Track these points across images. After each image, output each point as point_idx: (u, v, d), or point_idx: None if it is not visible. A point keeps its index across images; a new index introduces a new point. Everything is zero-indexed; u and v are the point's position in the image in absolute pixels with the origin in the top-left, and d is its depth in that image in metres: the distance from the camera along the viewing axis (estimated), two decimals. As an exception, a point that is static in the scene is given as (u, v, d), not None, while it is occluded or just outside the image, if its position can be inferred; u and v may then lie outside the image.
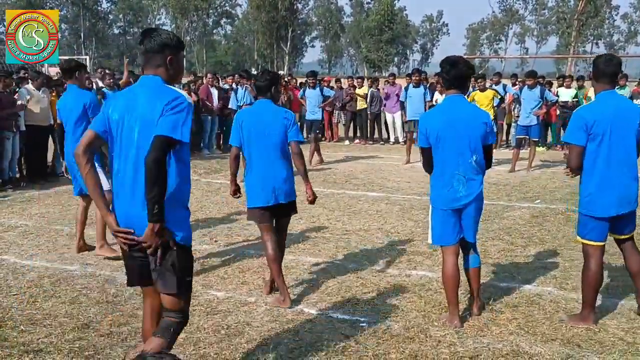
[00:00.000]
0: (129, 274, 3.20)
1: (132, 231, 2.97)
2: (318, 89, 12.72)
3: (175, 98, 2.95)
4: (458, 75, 4.21)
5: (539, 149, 13.10)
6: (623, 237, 4.45)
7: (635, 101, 13.97)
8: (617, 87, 14.25)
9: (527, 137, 11.40)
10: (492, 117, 10.38)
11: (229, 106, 12.04)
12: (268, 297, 4.90)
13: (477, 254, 4.52)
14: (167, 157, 2.89)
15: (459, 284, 4.39)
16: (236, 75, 13.99)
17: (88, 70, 11.66)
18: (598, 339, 4.13)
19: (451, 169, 4.20)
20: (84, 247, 6.15)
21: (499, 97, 12.13)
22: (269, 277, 5.03)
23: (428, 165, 4.38)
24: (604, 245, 4.36)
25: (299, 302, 4.81)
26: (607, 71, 4.28)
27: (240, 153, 4.91)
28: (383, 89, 16.18)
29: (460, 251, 4.45)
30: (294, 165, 4.88)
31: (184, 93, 3.07)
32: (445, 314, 4.47)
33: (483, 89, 11.63)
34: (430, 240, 4.53)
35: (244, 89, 11.20)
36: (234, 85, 13.68)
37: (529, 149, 11.62)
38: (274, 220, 4.87)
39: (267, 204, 4.73)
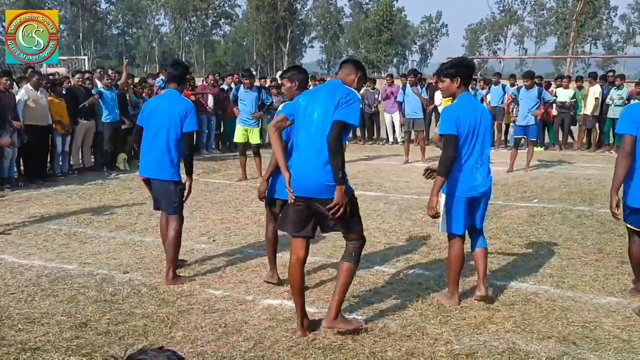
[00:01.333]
0: (286, 224, 4.14)
1: (292, 190, 3.98)
2: None
3: (348, 93, 3.92)
4: (471, 74, 4.62)
5: (537, 149, 13.12)
6: None
7: (632, 102, 14.01)
8: (614, 88, 14.32)
9: (525, 137, 11.40)
10: None
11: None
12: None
13: (483, 236, 4.82)
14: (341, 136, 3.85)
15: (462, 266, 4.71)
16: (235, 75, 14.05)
17: (88, 70, 11.68)
18: (594, 337, 4.15)
19: (474, 159, 4.50)
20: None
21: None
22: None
23: (454, 153, 4.41)
24: None
25: (296, 300, 4.83)
26: None
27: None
28: (384, 89, 16.16)
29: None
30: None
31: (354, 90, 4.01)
32: (444, 292, 4.78)
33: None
34: (441, 229, 4.71)
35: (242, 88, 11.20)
36: (232, 85, 13.71)
37: (527, 149, 11.63)
38: None
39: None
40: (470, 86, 5.44)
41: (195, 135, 13.54)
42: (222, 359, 3.86)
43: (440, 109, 13.95)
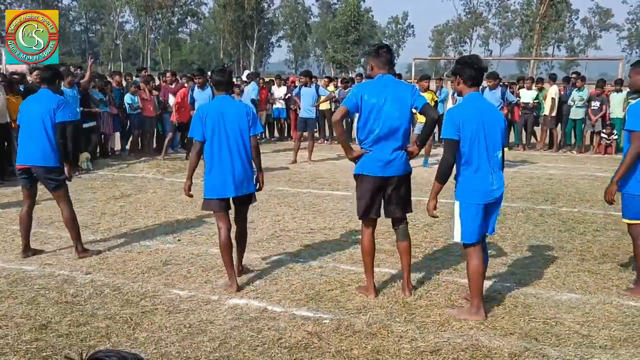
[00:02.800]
0: (369, 210, 4.74)
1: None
2: (314, 87, 12.81)
3: (414, 87, 4.81)
4: (476, 74, 4.38)
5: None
6: None
7: (593, 103, 14.35)
8: (575, 89, 14.58)
9: None
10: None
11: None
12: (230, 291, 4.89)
13: (486, 248, 4.73)
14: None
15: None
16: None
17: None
18: (554, 332, 4.23)
19: (486, 163, 4.31)
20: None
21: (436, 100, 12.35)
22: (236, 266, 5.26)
23: (453, 159, 4.30)
24: None
25: (262, 299, 4.81)
26: None
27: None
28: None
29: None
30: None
31: None
32: (465, 308, 4.58)
33: (425, 90, 11.88)
34: (459, 239, 4.48)
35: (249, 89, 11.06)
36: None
37: None
38: None
39: None
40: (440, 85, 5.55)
41: (156, 134, 13.46)
42: (186, 359, 3.82)
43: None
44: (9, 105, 9.85)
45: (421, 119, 10.55)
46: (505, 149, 4.88)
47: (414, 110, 4.70)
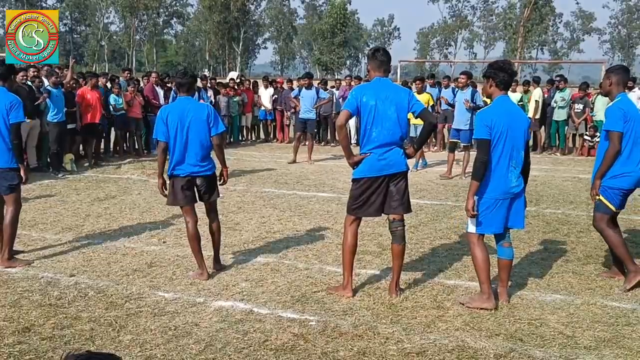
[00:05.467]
0: (360, 208, 4.83)
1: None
2: (314, 90, 12.92)
3: (410, 91, 4.90)
4: (507, 78, 4.66)
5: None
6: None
7: (576, 105, 14.51)
8: (557, 91, 14.70)
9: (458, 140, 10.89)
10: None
11: None
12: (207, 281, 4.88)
13: (511, 246, 4.92)
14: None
15: None
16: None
17: (34, 66, 11.31)
18: (539, 333, 4.26)
19: (507, 162, 4.57)
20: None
21: (433, 102, 12.24)
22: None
23: (487, 156, 4.53)
24: None
25: (248, 301, 4.79)
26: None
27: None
28: (344, 90, 16.12)
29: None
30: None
31: None
32: (474, 296, 4.82)
33: (420, 91, 11.83)
34: (473, 230, 4.71)
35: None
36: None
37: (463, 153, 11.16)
38: None
39: None
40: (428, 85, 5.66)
41: (145, 135, 13.38)
42: (171, 362, 3.79)
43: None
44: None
45: (414, 122, 10.53)
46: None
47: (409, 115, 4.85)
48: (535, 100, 14.54)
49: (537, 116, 14.66)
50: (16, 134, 5.59)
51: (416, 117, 4.81)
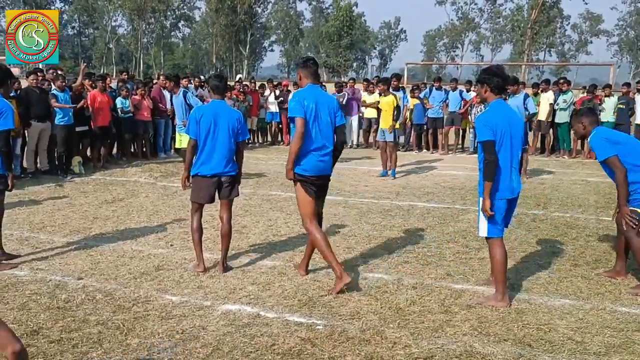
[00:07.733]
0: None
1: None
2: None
3: (338, 102, 5.34)
4: (501, 83, 4.83)
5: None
6: None
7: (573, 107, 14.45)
8: (561, 93, 14.65)
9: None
10: (392, 123, 10.38)
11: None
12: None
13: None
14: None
15: None
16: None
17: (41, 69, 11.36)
18: (548, 339, 4.23)
19: (508, 162, 4.71)
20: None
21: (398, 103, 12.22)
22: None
23: (494, 156, 4.62)
24: None
25: (255, 305, 4.79)
26: None
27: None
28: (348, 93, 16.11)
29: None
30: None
31: None
32: (490, 295, 4.93)
33: (385, 93, 11.79)
34: (485, 234, 4.84)
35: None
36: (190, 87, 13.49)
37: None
38: None
39: None
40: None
41: (152, 138, 13.41)
42: (179, 366, 3.79)
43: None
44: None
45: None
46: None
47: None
48: (550, 104, 14.45)
49: (550, 119, 14.59)
50: (5, 141, 5.48)
51: (335, 128, 5.20)
